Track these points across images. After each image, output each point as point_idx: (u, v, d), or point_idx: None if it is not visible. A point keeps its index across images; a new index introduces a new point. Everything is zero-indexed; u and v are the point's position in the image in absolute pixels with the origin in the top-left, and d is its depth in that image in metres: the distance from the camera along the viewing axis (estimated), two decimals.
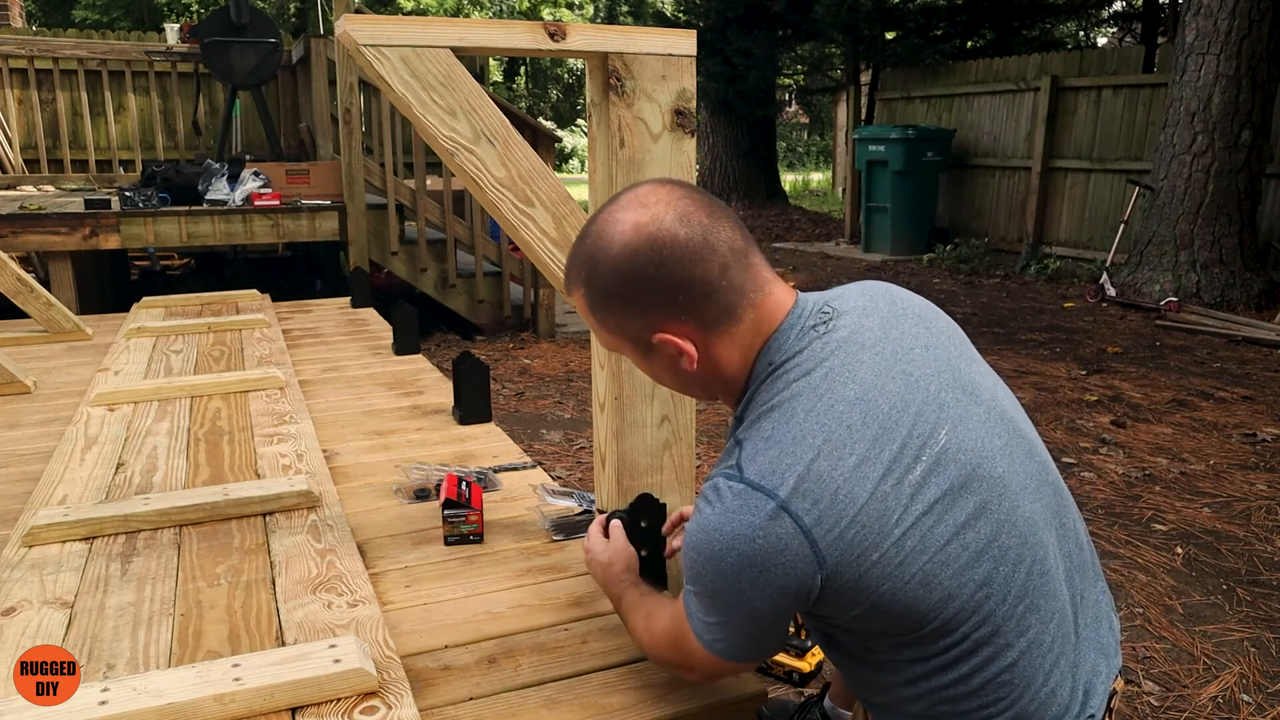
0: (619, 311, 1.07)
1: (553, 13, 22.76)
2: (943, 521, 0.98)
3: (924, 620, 1.00)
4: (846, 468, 0.96)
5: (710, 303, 1.03)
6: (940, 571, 0.98)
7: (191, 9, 18.14)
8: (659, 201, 1.04)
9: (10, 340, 3.42)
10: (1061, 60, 8.89)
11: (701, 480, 3.35)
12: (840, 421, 0.98)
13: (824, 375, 1.01)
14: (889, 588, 0.98)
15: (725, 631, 1.06)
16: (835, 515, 0.95)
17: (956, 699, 1.04)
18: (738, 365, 1.08)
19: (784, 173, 17.21)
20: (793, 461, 0.97)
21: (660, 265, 1.01)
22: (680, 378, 1.12)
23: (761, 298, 1.06)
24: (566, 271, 1.12)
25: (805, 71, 14.23)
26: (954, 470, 1.00)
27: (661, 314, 1.04)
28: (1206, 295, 6.60)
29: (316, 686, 1.21)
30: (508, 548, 1.78)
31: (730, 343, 1.06)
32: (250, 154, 6.62)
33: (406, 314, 3.30)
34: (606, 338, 1.13)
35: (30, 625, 1.42)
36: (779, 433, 0.99)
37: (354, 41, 1.26)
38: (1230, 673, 2.19)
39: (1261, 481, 3.39)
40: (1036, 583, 1.04)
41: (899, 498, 0.97)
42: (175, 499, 1.85)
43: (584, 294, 1.09)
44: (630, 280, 1.03)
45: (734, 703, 1.31)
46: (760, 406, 1.04)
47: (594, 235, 1.07)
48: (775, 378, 1.04)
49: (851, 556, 0.96)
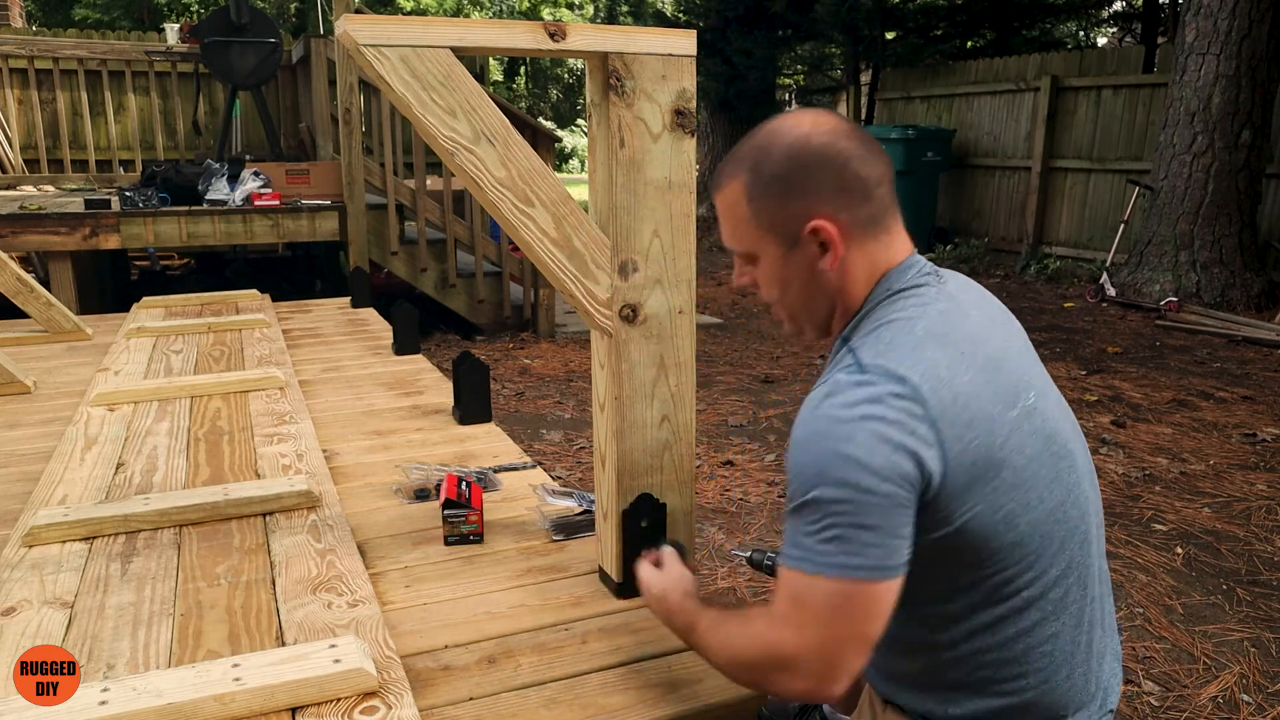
0: (780, 196, 1.09)
1: (553, 13, 22.76)
2: (1030, 465, 1.04)
3: (992, 561, 1.03)
4: (964, 381, 1.02)
5: (866, 206, 1.10)
6: (1021, 514, 1.03)
7: (191, 9, 18.14)
8: (831, 117, 1.12)
9: (10, 340, 3.42)
10: (1061, 60, 8.89)
11: (702, 479, 3.36)
12: (956, 347, 1.04)
13: (940, 310, 1.09)
14: (981, 509, 1.01)
15: (843, 543, 0.98)
16: (955, 415, 1.00)
17: (996, 664, 1.07)
18: (862, 283, 1.12)
19: None
20: (916, 360, 1.01)
21: (833, 155, 1.08)
22: (806, 286, 1.13)
23: (895, 227, 1.14)
24: (723, 168, 1.15)
25: (805, 71, 14.22)
26: (1040, 426, 1.06)
27: (823, 202, 1.08)
28: (1206, 295, 6.60)
29: (316, 686, 1.21)
30: (508, 548, 1.78)
31: (864, 257, 1.11)
32: (250, 154, 6.62)
33: (406, 314, 3.30)
34: (749, 233, 1.13)
35: (30, 625, 1.42)
36: (900, 340, 1.04)
37: (354, 41, 1.26)
38: (1230, 673, 2.19)
39: (1261, 481, 3.39)
40: (1084, 562, 1.10)
41: (1001, 427, 1.02)
42: (175, 499, 1.85)
43: (744, 182, 1.12)
44: (801, 164, 1.08)
45: (734, 703, 1.31)
46: (877, 322, 1.08)
47: (765, 132, 1.13)
48: (894, 300, 1.10)
49: (965, 461, 0.99)
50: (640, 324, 1.50)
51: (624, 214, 1.45)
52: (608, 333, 1.49)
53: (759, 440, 3.87)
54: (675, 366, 1.55)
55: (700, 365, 5.06)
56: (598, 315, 1.47)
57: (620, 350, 1.49)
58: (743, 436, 3.92)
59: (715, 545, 2.85)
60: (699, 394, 4.48)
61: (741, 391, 4.65)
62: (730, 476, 3.44)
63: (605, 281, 1.47)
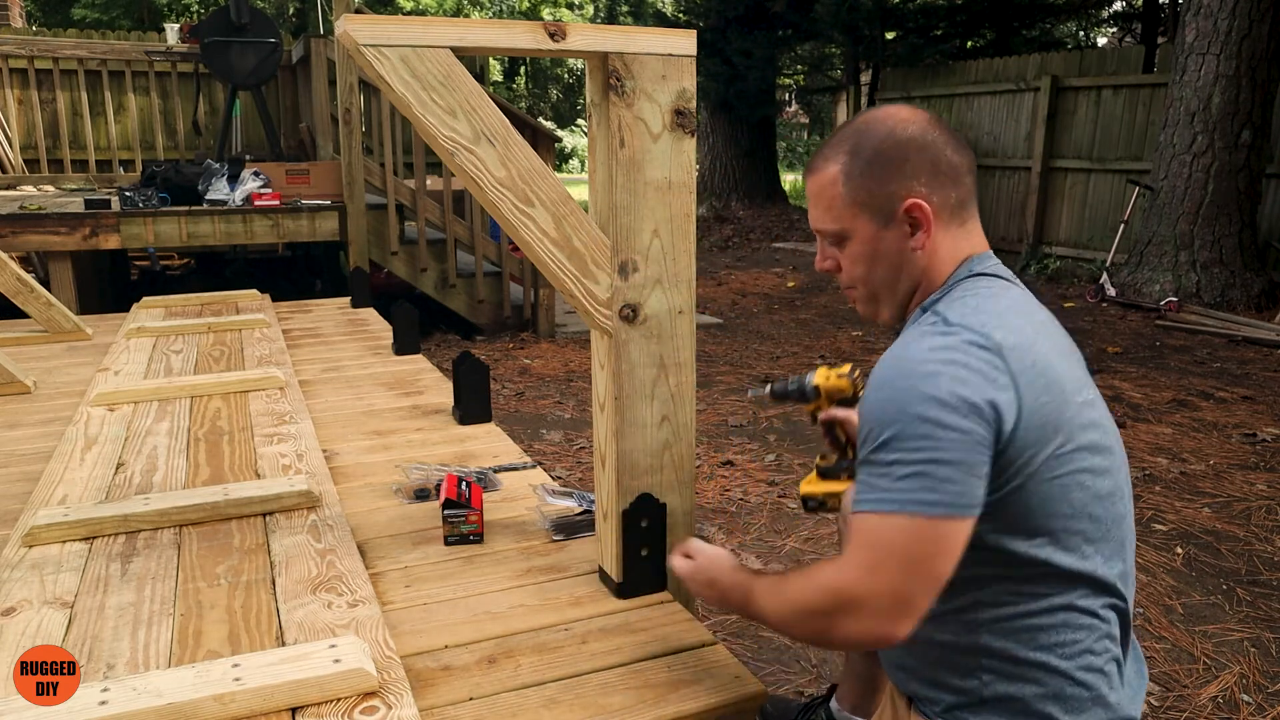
0: (878, 175, 1.15)
1: (553, 13, 22.76)
2: (1089, 448, 1.07)
3: (1045, 530, 1.05)
4: (1042, 350, 1.07)
5: (956, 189, 1.16)
6: (1075, 491, 1.06)
7: (191, 9, 18.14)
8: (921, 111, 1.20)
9: (10, 340, 3.42)
10: (1061, 60, 8.89)
11: (702, 479, 3.36)
12: (1034, 324, 1.10)
13: (1019, 296, 1.15)
14: (1045, 475, 1.03)
15: (920, 479, 0.99)
16: (1033, 377, 1.03)
17: (1034, 630, 1.08)
18: (946, 265, 1.17)
19: (784, 173, 17.20)
20: (999, 324, 1.06)
21: (929, 141, 1.16)
22: (893, 265, 1.18)
23: (975, 217, 1.20)
24: (818, 154, 1.21)
25: (805, 71, 14.23)
26: (1097, 419, 1.10)
27: (920, 181, 1.14)
28: (1206, 295, 6.60)
29: (316, 686, 1.21)
30: (508, 548, 1.78)
31: (949, 240, 1.17)
32: (250, 154, 6.62)
33: (406, 314, 3.30)
34: (844, 211, 1.17)
35: (30, 625, 1.42)
36: (985, 307, 1.09)
37: (354, 41, 1.26)
38: (1230, 673, 2.19)
39: (1261, 481, 3.39)
40: (1126, 556, 1.13)
41: (1070, 403, 1.06)
42: (175, 499, 1.85)
43: (842, 163, 1.17)
44: (901, 145, 1.15)
45: (734, 703, 1.31)
46: (961, 293, 1.13)
47: (861, 120, 1.20)
48: (977, 280, 1.16)
49: (1036, 420, 1.02)
50: (640, 324, 1.50)
51: (624, 214, 1.45)
52: (608, 333, 1.49)
53: (759, 440, 3.87)
54: (675, 366, 1.55)
55: (700, 365, 5.06)
56: (598, 315, 1.47)
57: (620, 350, 1.49)
58: (743, 436, 3.92)
59: (716, 544, 2.85)
60: (699, 394, 4.48)
61: (741, 391, 4.65)
62: (730, 476, 3.44)
63: (605, 281, 1.47)
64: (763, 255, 10.07)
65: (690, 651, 1.41)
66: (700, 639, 1.45)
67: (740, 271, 8.82)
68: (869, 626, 1.03)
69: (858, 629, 1.04)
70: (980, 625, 1.09)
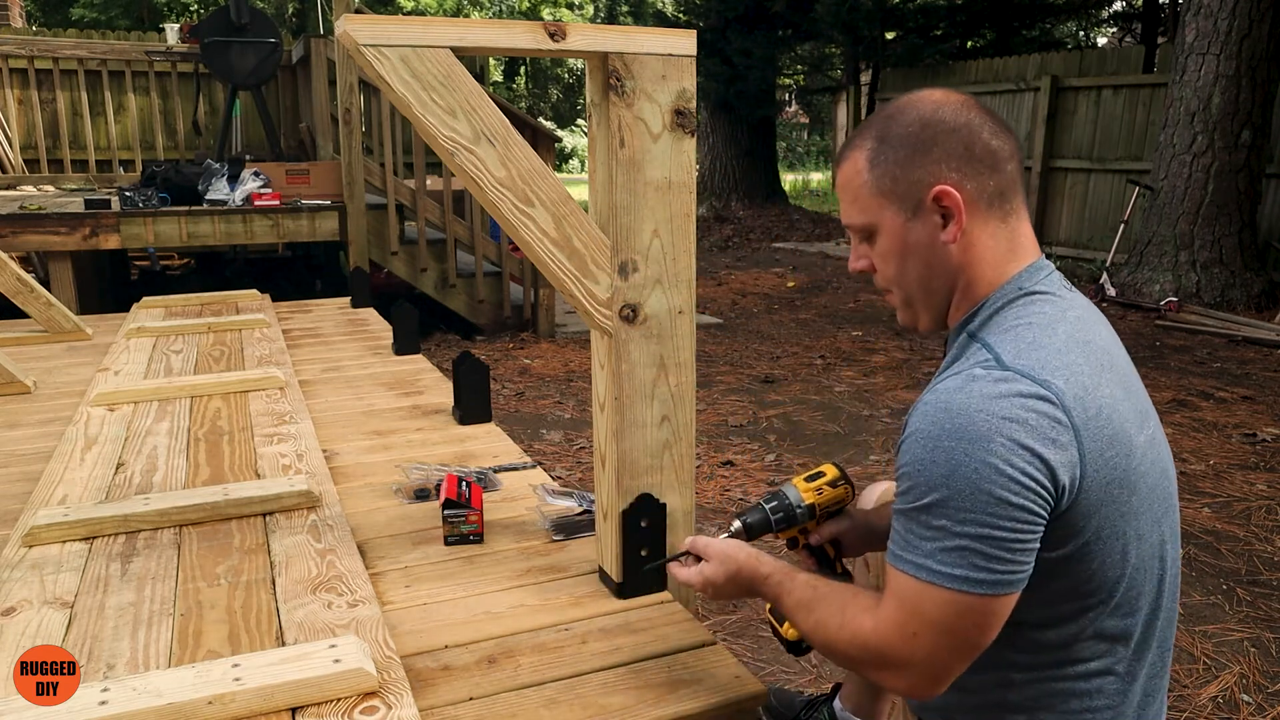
0: (906, 160, 1.05)
1: (553, 13, 22.76)
2: (1149, 496, 1.00)
3: (1100, 591, 0.99)
4: (1105, 395, 0.97)
5: (994, 177, 1.05)
6: (1133, 545, 0.99)
7: (191, 9, 18.14)
8: (960, 94, 1.10)
9: (10, 340, 3.42)
10: (1061, 60, 8.89)
11: (702, 479, 3.36)
12: (1097, 358, 1.00)
13: (1078, 317, 1.04)
14: (1105, 532, 0.96)
15: (966, 555, 0.92)
16: (1097, 430, 0.94)
17: (1067, 695, 1.03)
18: (987, 266, 1.06)
19: (784, 173, 17.20)
20: (1060, 366, 0.96)
21: (963, 124, 1.05)
22: (926, 262, 1.07)
23: (1021, 211, 1.08)
24: (847, 142, 1.12)
25: (805, 71, 14.24)
26: (1157, 457, 1.03)
27: (949, 168, 1.04)
28: (1206, 295, 6.60)
29: (316, 686, 1.21)
30: (508, 548, 1.78)
31: (988, 235, 1.05)
32: (250, 154, 6.62)
33: (406, 314, 3.30)
34: (868, 201, 1.08)
35: (30, 625, 1.42)
36: (1042, 341, 0.98)
37: (354, 41, 1.26)
38: (1230, 673, 2.19)
39: (1261, 481, 3.39)
40: (1169, 607, 1.07)
41: (1135, 450, 0.98)
42: (175, 499, 1.85)
43: (867, 150, 1.08)
44: (929, 129, 1.05)
45: (734, 703, 1.31)
46: (1014, 320, 1.02)
47: (894, 104, 1.10)
48: (1029, 300, 1.04)
49: (1101, 480, 0.94)
50: (640, 324, 1.50)
51: (624, 214, 1.45)
52: (608, 333, 1.49)
53: (759, 440, 3.87)
54: (675, 366, 1.55)
55: (700, 365, 5.06)
56: (598, 315, 1.47)
57: (620, 350, 1.49)
58: (743, 436, 3.92)
59: None
60: (699, 394, 4.48)
61: (741, 391, 4.65)
62: (730, 476, 3.44)
63: (605, 281, 1.47)
64: (763, 255, 10.07)
65: (690, 651, 1.41)
66: (700, 639, 1.45)
67: (740, 271, 8.82)
68: (899, 684, 1.00)
69: (889, 683, 1.02)
70: (1015, 668, 1.05)
